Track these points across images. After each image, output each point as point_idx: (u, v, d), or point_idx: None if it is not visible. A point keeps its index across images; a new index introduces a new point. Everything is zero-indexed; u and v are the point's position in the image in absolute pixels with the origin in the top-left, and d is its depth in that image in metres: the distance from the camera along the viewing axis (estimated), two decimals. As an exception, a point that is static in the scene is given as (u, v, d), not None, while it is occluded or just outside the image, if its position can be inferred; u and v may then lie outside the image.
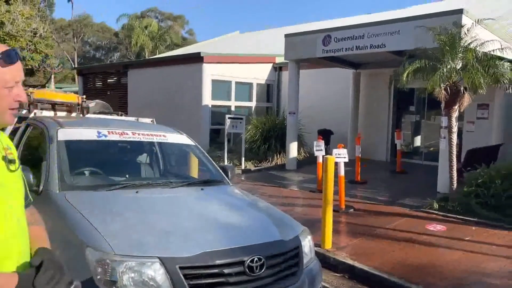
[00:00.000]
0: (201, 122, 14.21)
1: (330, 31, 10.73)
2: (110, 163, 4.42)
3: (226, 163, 11.52)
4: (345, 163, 7.81)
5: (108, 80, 19.16)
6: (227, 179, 4.45)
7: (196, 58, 14.19)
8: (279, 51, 13.14)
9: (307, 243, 3.47)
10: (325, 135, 13.72)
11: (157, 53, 34.61)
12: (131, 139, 4.35)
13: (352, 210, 7.72)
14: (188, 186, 4.08)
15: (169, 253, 2.78)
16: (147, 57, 32.64)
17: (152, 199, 3.68)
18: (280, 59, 14.64)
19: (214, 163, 4.75)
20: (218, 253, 2.85)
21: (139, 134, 4.41)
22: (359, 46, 10.08)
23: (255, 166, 12.21)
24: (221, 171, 4.54)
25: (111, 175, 4.13)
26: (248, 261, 2.87)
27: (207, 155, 4.86)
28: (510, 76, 6.85)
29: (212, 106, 14.46)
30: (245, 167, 11.89)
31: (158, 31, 37.62)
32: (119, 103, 16.67)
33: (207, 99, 14.22)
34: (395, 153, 12.27)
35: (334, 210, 7.26)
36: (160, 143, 4.76)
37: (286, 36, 11.92)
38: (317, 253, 5.63)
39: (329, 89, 15.00)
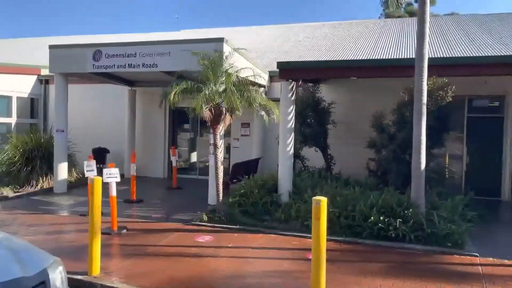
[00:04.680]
0: None
1: (101, 46, 10.34)
2: None
3: (-26, 190, 9.63)
4: (122, 182, 7.58)
5: None
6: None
7: None
8: (46, 62, 11.92)
9: (58, 275, 3.16)
10: (101, 154, 13.12)
11: None
12: None
13: (125, 230, 7.52)
14: None
15: None
16: None
17: None
18: (46, 71, 13.25)
19: None
20: None
21: None
22: (131, 64, 10.03)
23: (14, 192, 10.58)
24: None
25: None
26: (-24, 309, 2.41)
27: None
28: (260, 100, 7.97)
29: (-44, 122, 11.93)
30: (1, 193, 10.18)
31: None
32: None
33: None
34: (172, 170, 12.63)
35: (105, 233, 6.99)
36: None
37: (51, 47, 10.89)
38: (82, 282, 5.29)
39: (105, 105, 14.44)
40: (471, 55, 11.40)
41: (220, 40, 9.20)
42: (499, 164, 11.12)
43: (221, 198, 8.39)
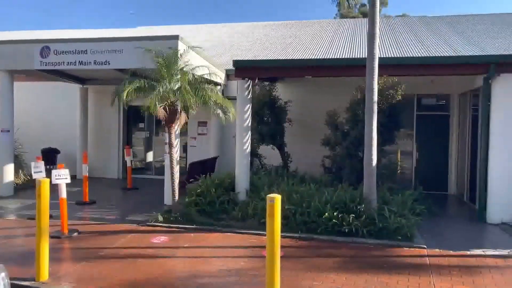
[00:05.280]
0: None
1: (49, 42, 9.92)
2: None
3: None
4: (74, 183, 7.31)
5: None
6: None
7: None
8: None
9: (0, 282, 3.01)
10: (51, 154, 12.63)
11: None
12: None
13: (76, 233, 7.26)
14: None
15: None
16: None
17: None
18: (-10, 68, 12.55)
19: None
20: None
21: None
22: (82, 61, 9.69)
23: (-45, 196, 9.96)
24: None
25: None
26: None
27: None
28: (216, 99, 7.93)
29: None
30: None
31: None
32: None
33: None
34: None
35: (54, 237, 6.77)
36: None
37: (-6, 42, 10.35)
38: (29, 289, 5.04)
39: (55, 104, 13.89)
40: (419, 55, 11.88)
41: (175, 37, 9.07)
42: (446, 160, 11.68)
43: (177, 198, 8.27)
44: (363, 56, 8.85)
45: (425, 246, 6.72)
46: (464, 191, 10.75)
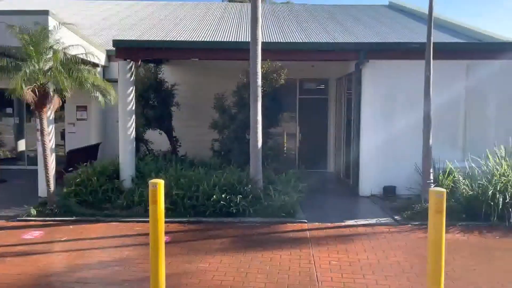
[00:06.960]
0: None
1: None
2: None
3: None
4: None
5: None
6: None
7: None
8: None
9: None
10: None
11: None
12: None
13: None
14: None
15: None
16: None
17: None
18: None
19: None
20: None
21: None
22: None
23: None
24: None
25: None
26: None
27: None
28: (93, 80, 7.36)
29: None
30: None
31: None
32: None
33: None
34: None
35: None
36: None
37: None
38: None
39: None
40: (301, 41, 12.50)
41: (45, 12, 8.15)
42: (326, 141, 12.57)
43: (53, 188, 7.58)
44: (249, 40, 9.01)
45: (306, 221, 7.18)
46: (340, 168, 11.70)
